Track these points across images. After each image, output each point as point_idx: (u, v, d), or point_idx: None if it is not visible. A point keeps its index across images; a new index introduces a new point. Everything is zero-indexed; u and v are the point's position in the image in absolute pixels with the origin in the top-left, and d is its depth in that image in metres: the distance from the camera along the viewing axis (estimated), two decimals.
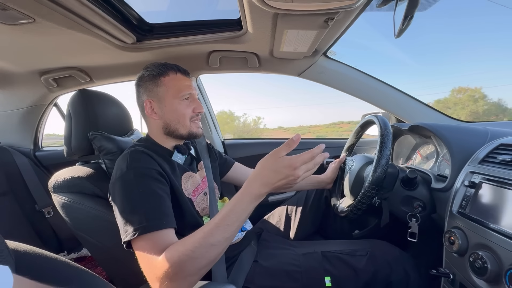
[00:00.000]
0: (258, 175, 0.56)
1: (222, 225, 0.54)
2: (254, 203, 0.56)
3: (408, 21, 0.58)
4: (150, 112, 0.78)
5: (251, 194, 0.56)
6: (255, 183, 0.56)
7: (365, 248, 0.81)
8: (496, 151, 0.68)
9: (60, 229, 1.49)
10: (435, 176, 0.84)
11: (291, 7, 0.67)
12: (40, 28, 0.76)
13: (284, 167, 0.54)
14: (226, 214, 0.55)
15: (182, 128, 0.79)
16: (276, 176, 0.54)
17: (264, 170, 0.56)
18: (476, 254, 0.56)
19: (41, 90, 1.32)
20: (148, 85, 0.78)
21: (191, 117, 0.80)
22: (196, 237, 0.54)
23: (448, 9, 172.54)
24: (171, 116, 0.78)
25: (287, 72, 1.26)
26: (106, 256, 0.88)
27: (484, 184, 0.62)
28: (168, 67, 0.79)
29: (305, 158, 0.55)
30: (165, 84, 0.77)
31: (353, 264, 0.77)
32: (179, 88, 0.78)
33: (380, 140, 0.78)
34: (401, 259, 0.79)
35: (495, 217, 0.56)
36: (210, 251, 0.53)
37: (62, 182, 0.81)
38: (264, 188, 0.55)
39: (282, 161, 0.55)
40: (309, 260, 0.79)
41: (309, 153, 0.56)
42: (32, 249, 0.34)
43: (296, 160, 0.54)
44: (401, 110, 1.25)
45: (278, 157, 0.55)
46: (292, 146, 0.56)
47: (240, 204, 0.55)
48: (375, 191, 0.77)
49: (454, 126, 0.88)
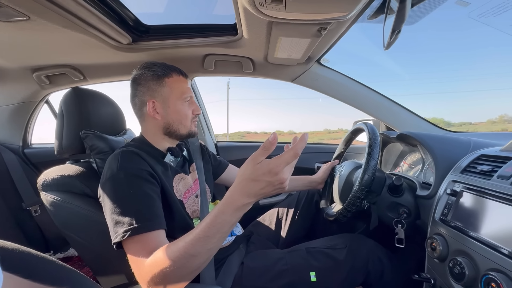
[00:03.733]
0: (238, 185, 0.50)
1: (203, 236, 0.51)
2: (238, 213, 0.51)
3: (396, 35, 0.61)
4: (152, 112, 0.77)
5: (232, 205, 0.50)
6: (236, 194, 0.50)
7: (344, 241, 0.87)
8: (477, 161, 0.71)
9: (47, 228, 1.47)
10: (420, 184, 0.87)
11: (285, 16, 0.69)
12: (35, 26, 0.76)
13: (264, 175, 0.48)
14: (206, 226, 0.51)
15: (183, 128, 0.81)
16: (257, 185, 0.48)
17: (244, 180, 0.50)
18: (455, 260, 0.58)
19: (32, 87, 1.31)
20: (151, 85, 0.77)
21: (192, 117, 0.83)
22: (177, 246, 0.52)
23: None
24: (174, 117, 0.79)
25: (281, 78, 1.29)
26: (94, 257, 0.88)
27: (465, 193, 0.65)
28: (171, 68, 0.80)
29: (286, 158, 0.48)
30: (169, 85, 0.78)
31: (335, 257, 0.83)
32: (182, 90, 0.80)
33: (369, 143, 0.80)
34: (375, 249, 0.86)
35: (473, 225, 0.59)
36: (191, 261, 0.51)
37: (52, 180, 0.80)
38: (247, 199, 0.50)
39: (260, 168, 0.48)
40: (295, 257, 0.83)
41: (292, 150, 0.48)
42: (19, 247, 0.34)
43: (276, 164, 0.47)
44: (390, 118, 1.28)
45: (255, 163, 0.49)
46: (270, 149, 0.48)
47: (221, 215, 0.51)
48: (365, 192, 0.80)
49: (439, 136, 0.91)
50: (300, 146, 0.48)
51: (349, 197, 0.83)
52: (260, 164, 0.48)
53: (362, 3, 0.62)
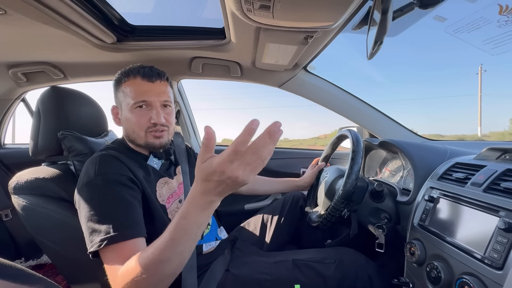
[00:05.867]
0: (194, 185, 0.47)
1: (170, 239, 0.48)
2: (205, 212, 0.48)
3: (378, 46, 0.63)
4: (115, 119, 0.77)
5: (196, 205, 0.47)
6: (196, 193, 0.47)
7: (334, 256, 0.84)
8: (452, 169, 0.74)
9: (18, 233, 1.38)
10: (400, 190, 0.90)
11: (272, 22, 0.69)
12: (12, 21, 0.73)
13: (211, 174, 0.43)
14: (173, 228, 0.48)
15: (139, 139, 0.74)
16: (209, 184, 0.45)
17: (197, 180, 0.46)
18: (432, 264, 0.60)
19: (7, 84, 1.24)
20: (114, 90, 0.77)
21: (148, 127, 0.73)
22: (147, 252, 0.50)
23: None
24: (127, 125, 0.74)
25: (268, 83, 1.30)
26: (68, 264, 0.83)
27: (442, 199, 0.68)
28: (130, 71, 0.73)
29: (227, 154, 0.42)
30: (123, 90, 0.73)
31: (322, 272, 0.80)
32: (135, 94, 0.71)
33: (351, 156, 0.82)
34: (366, 266, 0.83)
35: (449, 230, 0.61)
36: (162, 267, 0.49)
37: (25, 183, 0.76)
38: (209, 197, 0.46)
39: (206, 167, 0.44)
40: (280, 268, 0.80)
41: (231, 146, 0.42)
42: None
43: (219, 163, 0.42)
44: (373, 126, 1.32)
45: (201, 163, 0.45)
46: (209, 145, 0.44)
47: (186, 215, 0.48)
48: (344, 205, 0.81)
49: (418, 144, 0.95)
50: (241, 139, 0.42)
51: (329, 207, 0.84)
52: (205, 164, 0.44)
53: (347, 14, 0.64)
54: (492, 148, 0.70)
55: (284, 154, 1.57)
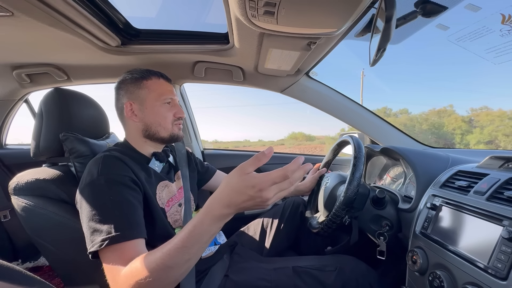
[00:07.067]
0: (220, 194, 0.48)
1: (181, 246, 0.48)
2: (218, 224, 0.49)
3: (381, 53, 0.64)
4: (130, 114, 0.77)
5: (212, 215, 0.48)
6: (216, 203, 0.48)
7: (335, 263, 0.83)
8: (455, 176, 0.74)
9: (16, 235, 1.38)
10: (402, 197, 0.89)
11: (276, 28, 0.70)
12: (18, 23, 0.73)
13: (248, 188, 0.45)
14: (185, 235, 0.49)
15: (163, 131, 0.78)
16: (239, 197, 0.46)
17: (227, 189, 0.48)
18: (434, 273, 0.59)
19: (11, 85, 1.25)
20: (129, 88, 0.77)
21: (173, 120, 0.80)
22: (154, 256, 0.50)
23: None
24: (152, 118, 0.77)
25: (271, 88, 1.30)
26: (66, 266, 0.82)
27: (444, 207, 0.67)
28: (151, 72, 0.80)
29: (275, 177, 0.45)
30: (147, 86, 0.77)
31: (322, 280, 0.79)
32: (161, 92, 0.78)
33: (353, 163, 0.82)
34: (367, 275, 0.82)
35: (452, 239, 0.60)
36: (168, 273, 0.49)
37: (25, 184, 0.75)
38: (227, 209, 0.48)
39: (247, 180, 0.46)
40: (280, 275, 0.79)
41: (281, 171, 0.46)
42: None
43: (264, 180, 0.45)
44: (375, 133, 1.32)
45: (243, 173, 0.46)
46: (263, 161, 0.47)
47: (200, 225, 0.49)
48: (345, 211, 0.80)
49: (420, 151, 0.95)
50: (292, 168, 0.46)
51: (330, 214, 0.84)
52: (247, 176, 0.46)
53: (350, 21, 0.64)
54: (495, 156, 0.70)
55: (285, 159, 1.56)
